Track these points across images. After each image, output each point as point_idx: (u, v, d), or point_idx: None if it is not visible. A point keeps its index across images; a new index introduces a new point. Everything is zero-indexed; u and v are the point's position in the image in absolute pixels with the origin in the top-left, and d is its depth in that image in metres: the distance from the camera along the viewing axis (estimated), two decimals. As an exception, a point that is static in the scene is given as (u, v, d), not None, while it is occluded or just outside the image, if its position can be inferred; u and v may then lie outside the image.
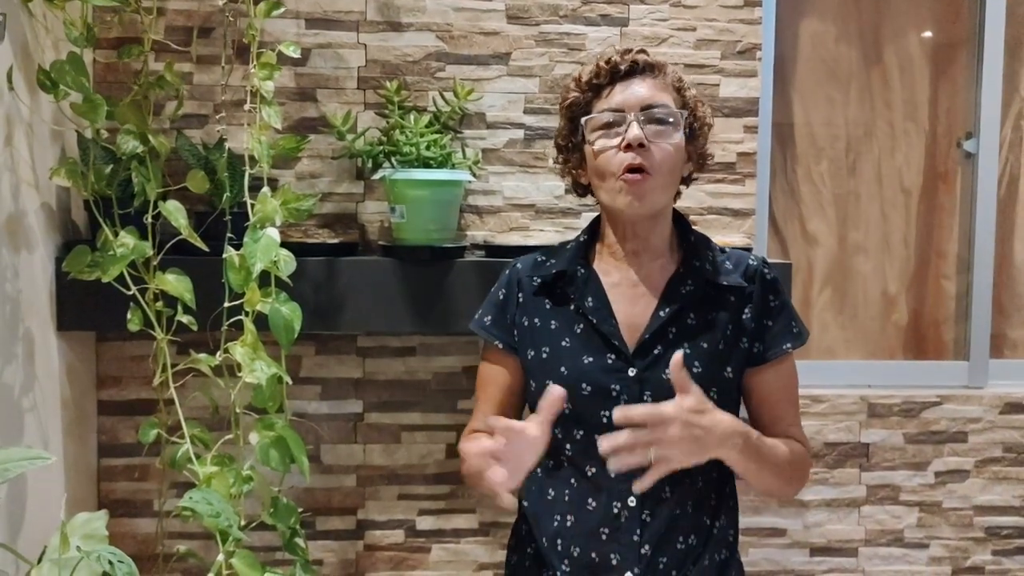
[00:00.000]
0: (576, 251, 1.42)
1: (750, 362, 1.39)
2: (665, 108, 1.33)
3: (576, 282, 1.39)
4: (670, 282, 1.38)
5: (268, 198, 1.54)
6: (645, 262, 1.39)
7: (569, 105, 1.39)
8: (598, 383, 1.34)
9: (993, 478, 2.06)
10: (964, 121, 2.20)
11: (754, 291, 1.39)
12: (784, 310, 1.41)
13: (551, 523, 1.38)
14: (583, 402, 1.34)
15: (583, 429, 1.35)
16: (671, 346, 1.34)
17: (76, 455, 1.78)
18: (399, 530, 1.96)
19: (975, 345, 2.15)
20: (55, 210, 1.68)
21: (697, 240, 1.42)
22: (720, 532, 1.38)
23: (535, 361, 1.40)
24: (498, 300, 1.46)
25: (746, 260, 1.41)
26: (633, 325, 1.36)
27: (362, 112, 1.89)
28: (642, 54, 1.37)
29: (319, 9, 1.87)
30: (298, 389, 1.90)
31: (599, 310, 1.37)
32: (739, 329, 1.38)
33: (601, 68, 1.36)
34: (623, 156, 1.31)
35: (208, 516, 1.23)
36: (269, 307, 1.51)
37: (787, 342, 1.39)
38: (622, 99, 1.34)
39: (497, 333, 1.45)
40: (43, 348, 1.63)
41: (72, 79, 1.50)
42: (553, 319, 1.40)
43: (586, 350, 1.36)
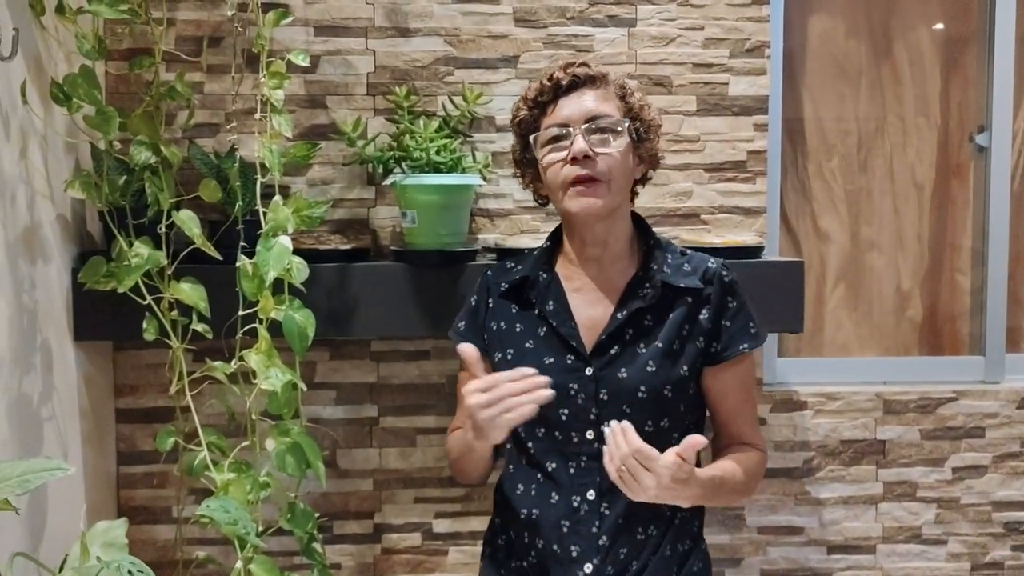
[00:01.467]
0: (540, 257, 1.51)
1: (708, 361, 1.45)
2: (607, 118, 1.40)
3: (539, 287, 1.47)
4: (628, 285, 1.44)
5: (280, 206, 1.55)
6: (605, 266, 1.46)
7: (519, 123, 1.47)
8: (557, 382, 1.38)
9: (1011, 473, 2.05)
10: (976, 115, 2.19)
11: (712, 293, 1.45)
12: (742, 311, 1.47)
13: (519, 516, 1.45)
14: None
15: (544, 427, 1.43)
16: (628, 346, 1.42)
17: (95, 463, 1.80)
18: (416, 533, 1.97)
19: (991, 340, 2.14)
20: (70, 221, 1.70)
21: (656, 243, 1.49)
22: (682, 523, 1.45)
23: (502, 363, 1.47)
24: (471, 306, 1.56)
25: (706, 263, 1.48)
26: (593, 327, 1.44)
27: (372, 118, 1.90)
28: (583, 67, 1.43)
29: (327, 16, 1.88)
30: (313, 395, 1.91)
31: (559, 313, 1.44)
32: (696, 329, 1.44)
33: (544, 85, 1.43)
34: (570, 168, 1.38)
35: (225, 523, 1.24)
36: (283, 314, 1.53)
37: (744, 343, 1.46)
38: (566, 114, 1.40)
39: (469, 337, 1.52)
40: (60, 358, 1.65)
41: (85, 92, 1.51)
42: (519, 322, 1.48)
43: (547, 351, 1.44)
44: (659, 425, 1.41)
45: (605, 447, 1.29)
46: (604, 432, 1.31)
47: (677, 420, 1.44)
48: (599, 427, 1.39)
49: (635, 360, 1.41)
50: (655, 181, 1.93)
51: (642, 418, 1.39)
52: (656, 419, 1.41)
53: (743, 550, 2.02)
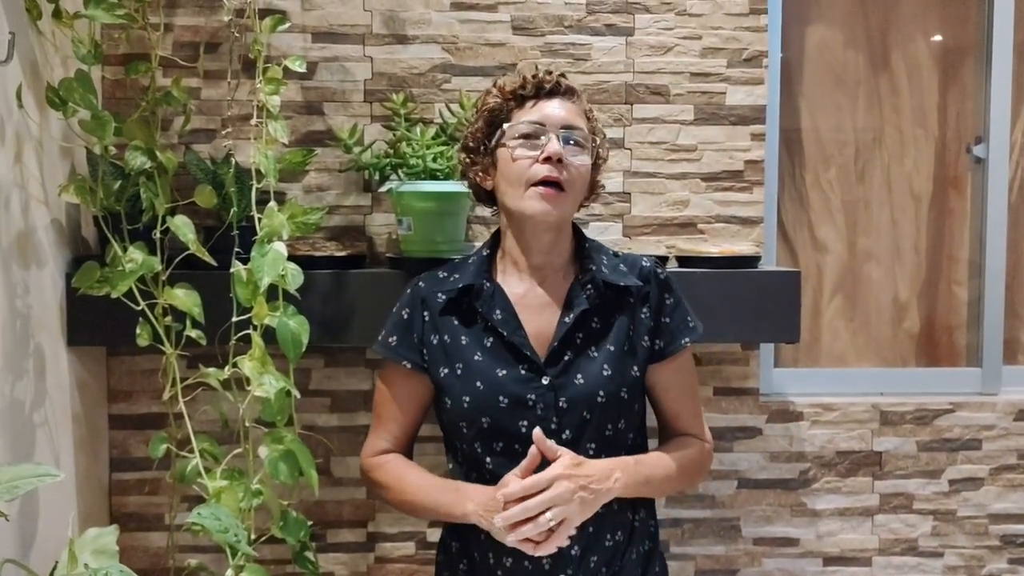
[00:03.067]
0: (480, 266, 1.47)
1: (652, 359, 1.46)
2: (582, 132, 1.41)
3: (483, 296, 1.43)
4: (571, 289, 1.43)
5: (275, 212, 1.54)
6: (548, 273, 1.45)
7: (490, 109, 1.44)
8: (514, 394, 1.39)
9: (1008, 486, 2.04)
10: (974, 126, 2.19)
11: (650, 291, 1.46)
12: (679, 307, 1.48)
13: (480, 536, 1.40)
14: (501, 414, 1.39)
15: (502, 441, 1.40)
16: (580, 351, 1.41)
17: (88, 469, 1.79)
18: (410, 542, 1.96)
19: (988, 351, 2.13)
20: (65, 226, 1.70)
21: (591, 246, 1.49)
22: (641, 525, 1.45)
23: (449, 378, 1.43)
24: (402, 319, 1.49)
25: (640, 262, 1.48)
26: (541, 335, 1.42)
27: (369, 125, 1.90)
28: (564, 78, 1.44)
29: (325, 23, 1.88)
30: (308, 402, 1.90)
31: (508, 322, 1.41)
32: (639, 327, 1.44)
33: (528, 80, 1.43)
34: (540, 168, 1.37)
35: (217, 531, 1.23)
36: (277, 321, 1.52)
37: (684, 336, 1.47)
38: (545, 115, 1.40)
39: (404, 353, 1.47)
40: (53, 363, 1.64)
41: (80, 96, 1.51)
42: (463, 335, 1.44)
43: (498, 363, 1.41)
44: (617, 427, 1.41)
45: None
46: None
47: (631, 420, 1.44)
48: (561, 436, 1.37)
49: (590, 365, 1.40)
50: (652, 190, 1.94)
51: (602, 422, 1.39)
52: (615, 422, 1.41)
53: (738, 561, 2.01)
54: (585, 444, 1.38)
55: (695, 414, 1.51)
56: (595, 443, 1.39)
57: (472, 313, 1.43)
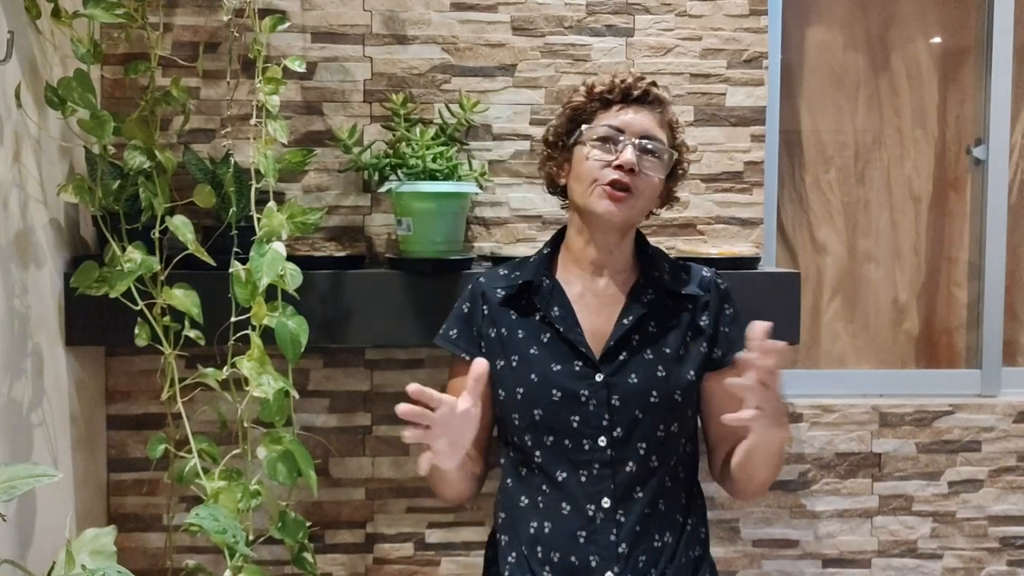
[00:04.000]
0: (540, 263, 1.50)
1: (709, 366, 1.48)
2: (660, 144, 1.43)
3: (541, 292, 1.47)
4: (632, 292, 1.46)
5: (274, 212, 1.54)
6: (608, 273, 1.48)
7: (574, 108, 1.47)
8: (567, 389, 1.41)
9: (1007, 487, 2.04)
10: (973, 127, 2.19)
11: (710, 300, 1.48)
12: (738, 318, 1.50)
13: (527, 530, 1.43)
14: (553, 408, 1.41)
15: (553, 435, 1.42)
16: (635, 353, 1.43)
17: (85, 470, 1.78)
18: (408, 543, 1.95)
19: (987, 353, 2.13)
20: (63, 226, 1.69)
21: (654, 253, 1.52)
22: (692, 530, 1.46)
23: (505, 370, 1.46)
24: (463, 313, 1.54)
25: (700, 272, 1.52)
26: (597, 333, 1.44)
27: (368, 125, 1.89)
28: (654, 87, 1.45)
29: (325, 23, 1.88)
30: (306, 402, 1.90)
31: (565, 319, 1.44)
32: (697, 335, 1.47)
33: (615, 84, 1.44)
34: (611, 172, 1.39)
35: (214, 532, 1.23)
36: (276, 321, 1.52)
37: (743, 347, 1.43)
38: (625, 121, 1.42)
39: (464, 345, 1.52)
40: (52, 363, 1.63)
41: (79, 96, 1.50)
42: (520, 328, 1.47)
43: (553, 358, 1.43)
44: (670, 430, 1.42)
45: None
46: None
47: (685, 424, 1.46)
48: (612, 433, 1.39)
49: (644, 366, 1.42)
50: (652, 191, 1.93)
51: (654, 423, 1.40)
52: (668, 423, 1.42)
53: (737, 563, 2.00)
54: (636, 443, 1.40)
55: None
56: (646, 443, 1.41)
57: (530, 308, 1.47)
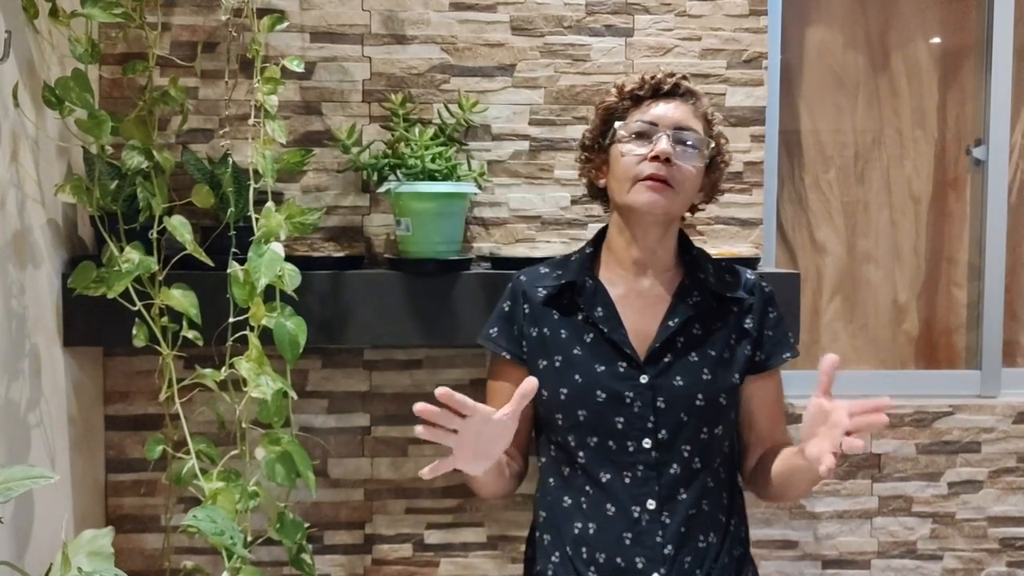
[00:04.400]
0: (582, 262, 1.48)
1: (752, 370, 1.46)
2: (695, 133, 1.41)
3: (584, 292, 1.44)
4: (678, 293, 1.44)
5: (272, 212, 1.54)
6: (652, 273, 1.45)
7: (607, 108, 1.46)
8: (611, 390, 1.39)
9: (1007, 488, 2.04)
10: (973, 128, 2.19)
11: (754, 303, 1.46)
12: (781, 322, 1.50)
13: (572, 530, 1.42)
14: (598, 409, 1.40)
15: (596, 436, 1.40)
16: (679, 355, 1.41)
17: (83, 471, 1.78)
18: (407, 544, 1.95)
19: (987, 354, 2.13)
20: (61, 226, 1.69)
21: (698, 254, 1.50)
22: (735, 529, 1.46)
23: (547, 370, 1.44)
24: (504, 312, 1.51)
25: (744, 274, 1.50)
26: (641, 334, 1.42)
27: (367, 125, 1.89)
28: (684, 80, 1.44)
29: (324, 23, 1.88)
30: (305, 403, 1.90)
31: (608, 319, 1.42)
32: (741, 338, 1.45)
33: (645, 81, 1.44)
34: (648, 165, 1.38)
35: (212, 534, 1.23)
36: (274, 322, 1.51)
37: (785, 351, 1.49)
38: (659, 114, 1.41)
39: (505, 345, 1.49)
40: (49, 364, 1.63)
41: (77, 95, 1.50)
42: (563, 329, 1.45)
43: (597, 358, 1.41)
44: (713, 432, 1.42)
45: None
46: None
47: (728, 427, 1.45)
48: (656, 435, 1.38)
49: (690, 368, 1.41)
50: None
51: (699, 425, 1.40)
52: (712, 426, 1.41)
53: (737, 564, 2.00)
54: (680, 446, 1.39)
55: (784, 427, 1.54)
56: (690, 445, 1.40)
57: (573, 308, 1.45)
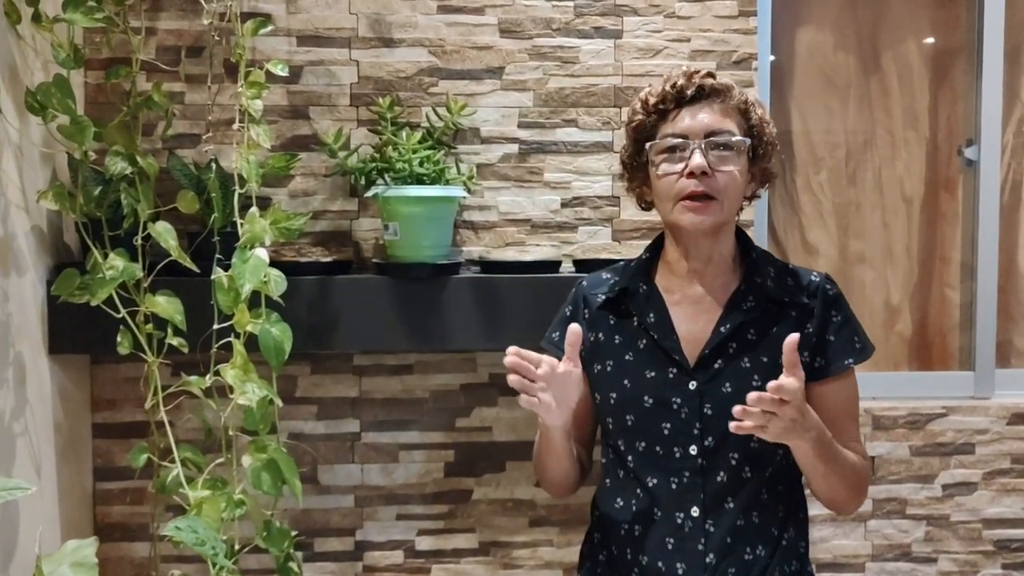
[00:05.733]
0: (638, 269, 1.46)
1: (812, 376, 1.39)
2: (729, 134, 1.35)
3: (638, 298, 1.42)
4: (732, 298, 1.39)
5: (256, 218, 1.52)
6: (707, 279, 1.41)
7: (635, 127, 1.41)
8: (660, 396, 1.37)
9: (1001, 490, 2.03)
10: (965, 128, 2.18)
11: (816, 307, 1.40)
12: (846, 325, 1.41)
13: (619, 531, 1.41)
14: (645, 414, 1.38)
15: (644, 441, 1.38)
16: (731, 361, 1.37)
17: (71, 479, 1.76)
18: (398, 551, 1.94)
19: (980, 355, 2.12)
20: (46, 233, 1.67)
21: (759, 256, 1.44)
22: (790, 543, 1.39)
23: (600, 374, 1.43)
24: (565, 316, 1.50)
25: (809, 276, 1.43)
26: (694, 340, 1.38)
27: (355, 129, 1.88)
28: (709, 78, 1.38)
29: (310, 26, 1.86)
30: (294, 409, 1.88)
31: (660, 325, 1.39)
32: (801, 344, 1.34)
33: (667, 92, 1.37)
34: (685, 182, 1.33)
35: (194, 544, 1.21)
36: (259, 328, 1.50)
37: (849, 357, 1.40)
38: (687, 125, 1.35)
39: (564, 348, 1.45)
40: (34, 372, 1.61)
41: (58, 101, 1.49)
42: (617, 334, 1.43)
43: (648, 364, 1.39)
44: (764, 441, 1.32)
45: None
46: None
47: None
48: (703, 442, 1.35)
49: (740, 375, 1.36)
50: (641, 194, 1.92)
51: (747, 434, 1.31)
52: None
53: (731, 568, 1.99)
54: (727, 453, 1.35)
55: (853, 436, 1.44)
56: (738, 453, 1.35)
57: (628, 314, 1.43)
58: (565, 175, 1.91)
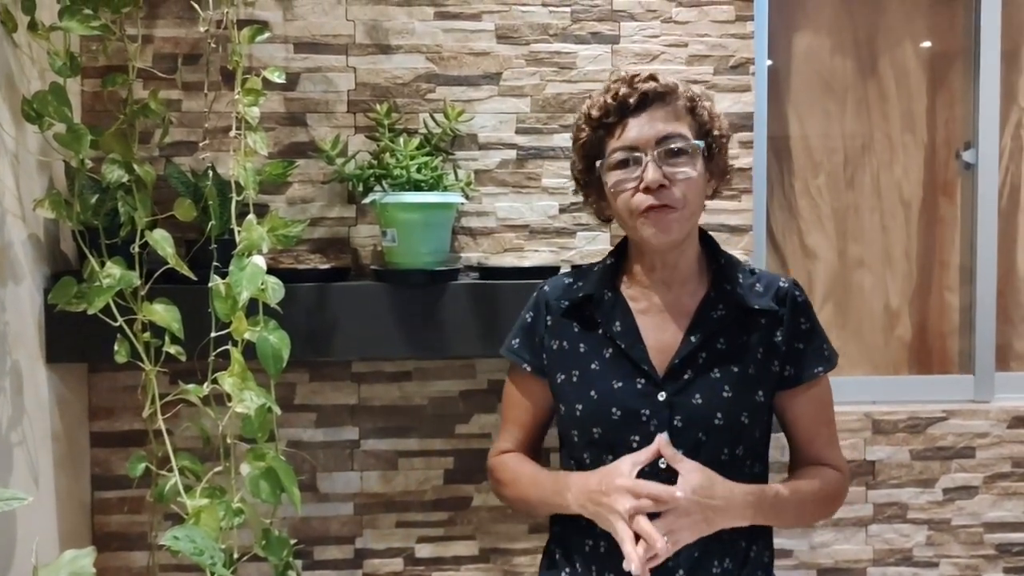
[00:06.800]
0: (603, 275, 1.41)
1: (782, 385, 1.38)
2: (681, 139, 1.29)
3: (604, 306, 1.38)
4: (700, 307, 1.36)
5: (253, 225, 1.52)
6: (675, 287, 1.38)
7: (582, 145, 1.37)
8: (628, 407, 1.33)
9: (1002, 494, 2.02)
10: (963, 131, 2.18)
11: (785, 314, 1.37)
12: (815, 333, 1.40)
13: (584, 548, 1.37)
14: (613, 426, 1.34)
15: (612, 454, 1.34)
16: (701, 371, 1.33)
17: (69, 488, 1.76)
18: (398, 558, 1.93)
19: (980, 358, 2.11)
20: (43, 241, 1.67)
21: (727, 262, 1.40)
22: (756, 555, 1.37)
23: (565, 384, 1.39)
24: (526, 323, 1.46)
25: (777, 282, 1.40)
26: (663, 350, 1.35)
27: (353, 135, 1.88)
28: (650, 81, 1.31)
29: (307, 33, 1.86)
30: (293, 417, 1.88)
31: (627, 334, 1.36)
32: (770, 352, 1.36)
33: (609, 105, 1.32)
34: (642, 197, 1.29)
35: (191, 554, 1.21)
36: (257, 336, 1.49)
37: (818, 365, 1.39)
38: (635, 136, 1.29)
39: (525, 356, 1.45)
40: (32, 381, 1.61)
41: (55, 109, 1.49)
42: (582, 342, 1.39)
43: (615, 374, 1.35)
44: (734, 453, 1.33)
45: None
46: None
47: (752, 447, 1.36)
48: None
49: (710, 386, 1.32)
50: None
51: (718, 446, 1.32)
52: (732, 447, 1.33)
53: (732, 574, 1.98)
54: None
55: (830, 442, 1.43)
56: (709, 466, 1.30)
57: (594, 321, 1.38)
58: (563, 180, 1.91)
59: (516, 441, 1.49)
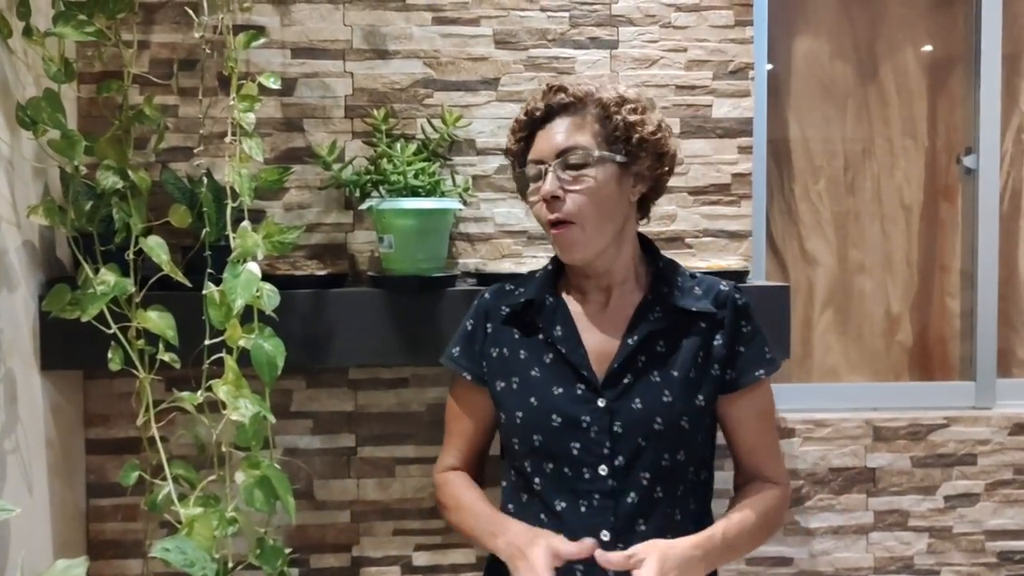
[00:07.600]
0: (545, 280, 1.42)
1: (723, 389, 1.38)
2: (578, 151, 1.30)
3: (544, 311, 1.39)
4: (638, 310, 1.36)
5: (248, 232, 1.51)
6: (613, 292, 1.39)
7: (513, 155, 1.42)
8: (568, 414, 1.32)
9: (1004, 501, 2.01)
10: (964, 136, 2.17)
11: (726, 317, 1.37)
12: (756, 336, 1.40)
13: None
14: (553, 434, 1.33)
15: (552, 462, 1.34)
16: (641, 375, 1.33)
17: (63, 496, 1.75)
18: (395, 567, 1.91)
19: (981, 364, 2.10)
20: (38, 248, 1.66)
21: (665, 266, 1.41)
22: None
23: (505, 391, 1.39)
24: (466, 331, 1.47)
25: (717, 286, 1.40)
26: (602, 354, 1.35)
27: (350, 141, 1.87)
28: (559, 94, 1.33)
29: (304, 39, 1.85)
30: (289, 424, 1.87)
31: (567, 339, 1.36)
32: (710, 356, 1.36)
33: (521, 120, 1.37)
34: (544, 209, 1.33)
35: (182, 566, 1.19)
36: (251, 343, 1.48)
37: (760, 368, 1.38)
38: (540, 148, 1.34)
39: (465, 364, 1.45)
40: (26, 388, 1.60)
41: (49, 116, 1.48)
42: (522, 349, 1.39)
43: (555, 380, 1.35)
44: (675, 459, 1.33)
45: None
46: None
47: (694, 452, 1.36)
48: (613, 462, 1.31)
49: (650, 390, 1.32)
50: (638, 204, 1.90)
51: (658, 451, 1.31)
52: (672, 452, 1.33)
53: (731, 582, 1.97)
54: (639, 473, 1.31)
55: (771, 451, 1.43)
56: (649, 472, 1.31)
57: (534, 328, 1.39)
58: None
59: (460, 454, 1.49)
